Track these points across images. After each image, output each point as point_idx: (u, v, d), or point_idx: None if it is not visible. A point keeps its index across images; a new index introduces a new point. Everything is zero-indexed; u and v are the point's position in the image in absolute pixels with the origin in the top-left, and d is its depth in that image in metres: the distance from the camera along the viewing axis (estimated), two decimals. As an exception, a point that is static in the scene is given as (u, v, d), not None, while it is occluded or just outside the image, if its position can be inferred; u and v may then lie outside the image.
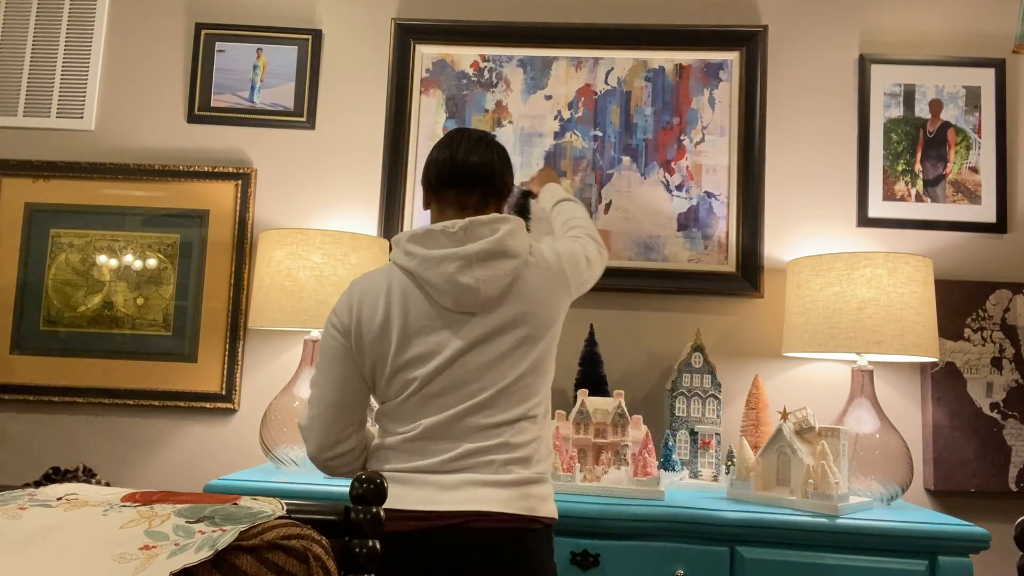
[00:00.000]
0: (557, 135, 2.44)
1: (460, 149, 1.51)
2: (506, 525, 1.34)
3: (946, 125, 2.38)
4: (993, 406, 2.25)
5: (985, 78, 2.38)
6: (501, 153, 1.55)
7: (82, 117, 2.54)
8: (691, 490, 2.00)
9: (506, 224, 1.44)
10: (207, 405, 2.40)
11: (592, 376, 2.21)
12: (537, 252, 1.50)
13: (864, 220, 2.36)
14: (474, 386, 1.40)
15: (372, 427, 1.61)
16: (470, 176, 1.50)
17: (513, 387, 1.41)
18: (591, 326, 2.27)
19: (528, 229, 1.74)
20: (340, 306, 1.47)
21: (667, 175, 2.41)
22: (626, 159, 2.42)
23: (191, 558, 0.88)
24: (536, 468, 1.42)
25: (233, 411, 2.42)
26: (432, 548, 1.33)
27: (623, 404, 1.98)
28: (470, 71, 2.48)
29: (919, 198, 2.36)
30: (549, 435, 1.49)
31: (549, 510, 1.42)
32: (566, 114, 2.45)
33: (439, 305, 1.42)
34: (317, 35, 2.52)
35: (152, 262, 2.46)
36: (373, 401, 1.52)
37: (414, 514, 1.35)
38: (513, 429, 1.40)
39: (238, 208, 2.47)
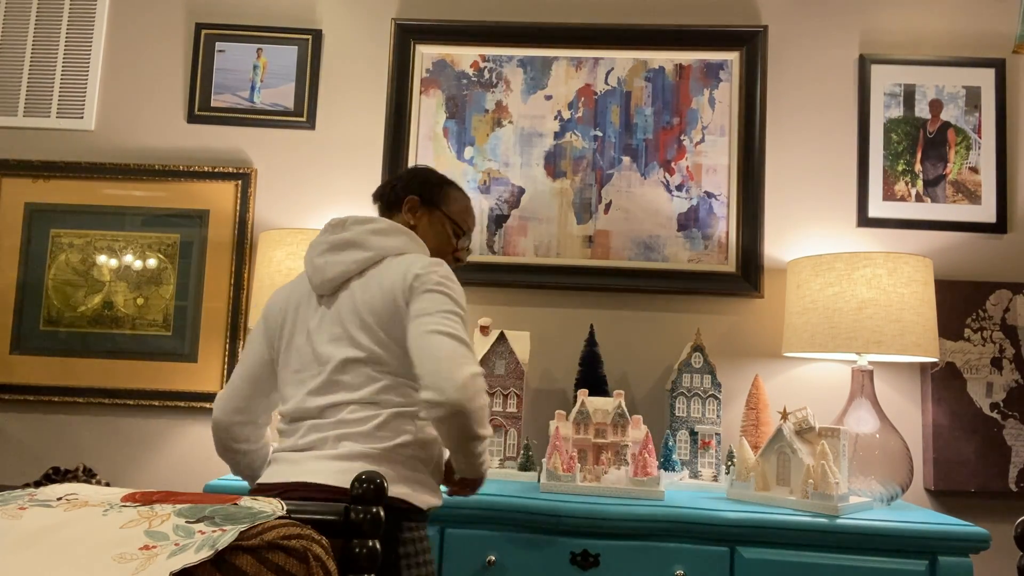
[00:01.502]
0: (557, 135, 2.44)
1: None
2: (323, 496, 1.30)
3: (946, 125, 2.38)
4: (993, 406, 2.25)
5: (985, 78, 2.38)
6: (395, 179, 1.68)
7: (82, 117, 2.54)
8: (691, 490, 2.00)
9: (377, 223, 1.53)
10: (207, 405, 2.40)
11: (592, 376, 2.21)
12: (406, 260, 1.48)
13: (864, 220, 2.36)
14: (315, 366, 1.46)
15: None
16: (376, 199, 1.68)
17: (344, 370, 1.42)
18: (591, 326, 2.27)
19: None
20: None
21: (667, 175, 2.41)
22: (626, 159, 2.42)
23: (191, 558, 0.88)
24: (377, 444, 1.37)
25: (233, 411, 2.42)
26: None
27: (623, 404, 1.98)
28: (470, 71, 2.48)
29: (919, 198, 2.36)
30: (403, 425, 1.41)
31: (397, 492, 1.35)
32: (566, 114, 2.45)
33: (310, 290, 1.54)
34: (317, 35, 2.52)
35: (152, 262, 2.46)
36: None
37: (264, 486, 1.41)
38: (349, 408, 1.41)
39: (238, 208, 2.46)
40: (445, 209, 1.65)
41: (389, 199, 1.64)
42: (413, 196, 1.63)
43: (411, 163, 2.46)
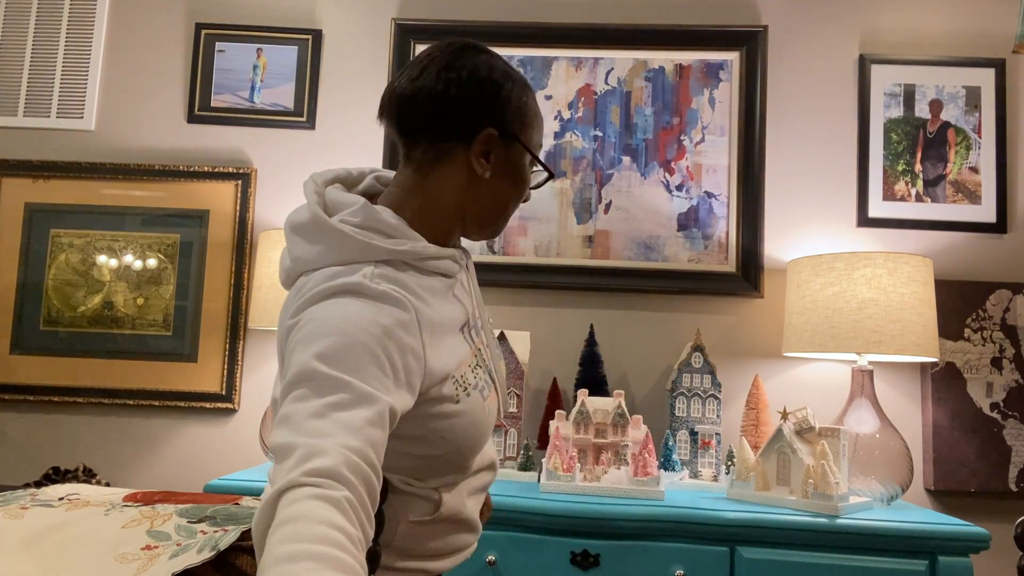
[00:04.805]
0: (557, 135, 2.44)
1: (396, 77, 1.06)
2: None
3: (946, 125, 2.38)
4: (993, 406, 2.25)
5: (985, 78, 2.38)
6: (447, 79, 1.01)
7: (82, 117, 2.54)
8: (691, 490, 2.00)
9: (296, 213, 1.03)
10: (207, 405, 2.40)
11: (592, 376, 2.21)
12: (301, 288, 0.97)
13: (864, 220, 2.36)
14: None
15: None
16: (399, 118, 1.05)
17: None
18: (591, 326, 2.27)
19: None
20: None
21: (667, 175, 2.41)
22: (626, 159, 2.42)
23: (193, 558, 0.88)
24: None
25: (233, 411, 2.42)
26: None
27: (623, 404, 1.98)
28: (470, 71, 2.48)
29: (919, 198, 2.36)
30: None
31: None
32: (566, 114, 2.45)
33: None
34: (317, 35, 2.52)
35: (152, 262, 2.46)
36: None
37: None
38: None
39: (238, 208, 2.46)
40: (527, 138, 1.06)
41: (436, 124, 1.02)
42: (495, 128, 1.03)
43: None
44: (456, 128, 1.02)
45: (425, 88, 1.02)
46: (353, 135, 2.50)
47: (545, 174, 1.11)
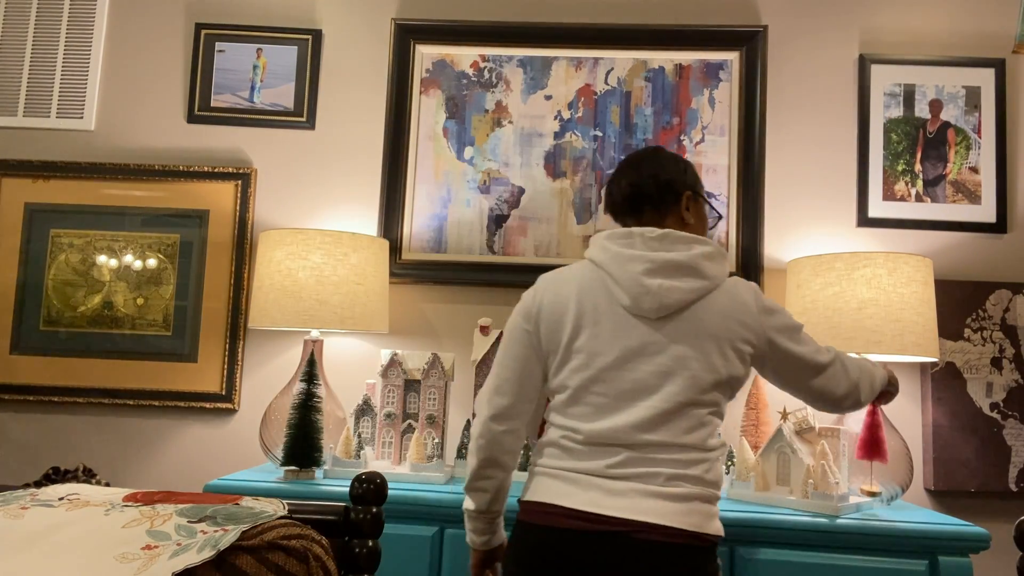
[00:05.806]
0: (557, 135, 2.44)
1: (614, 180, 1.61)
2: (672, 540, 1.32)
3: (946, 125, 2.38)
4: (993, 406, 2.25)
5: (985, 78, 2.38)
6: (654, 169, 1.55)
7: (82, 117, 2.54)
8: (691, 490, 1.99)
9: (704, 246, 1.45)
10: (207, 405, 2.40)
11: (592, 376, 2.20)
12: (733, 283, 1.47)
13: (864, 220, 2.36)
14: (641, 395, 1.40)
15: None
16: (626, 203, 1.58)
17: (680, 412, 1.39)
18: (591, 326, 2.27)
19: None
20: (527, 293, 1.56)
21: (667, 175, 2.40)
22: (626, 159, 2.42)
23: (193, 558, 0.88)
24: (704, 487, 1.38)
25: (233, 411, 2.42)
26: (594, 552, 1.32)
27: (623, 404, 1.97)
28: (470, 71, 2.49)
29: (919, 198, 2.36)
30: (721, 467, 1.44)
31: (716, 528, 1.38)
32: (566, 114, 2.45)
33: (618, 303, 1.43)
34: (317, 35, 2.52)
35: (152, 262, 2.46)
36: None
37: (579, 514, 1.34)
38: (682, 450, 1.38)
39: (238, 208, 2.47)
40: (704, 195, 1.61)
41: (659, 197, 1.54)
42: (690, 191, 1.56)
43: (411, 164, 2.45)
44: (672, 194, 1.55)
45: (652, 173, 1.56)
46: (353, 135, 2.50)
47: (716, 215, 1.70)
